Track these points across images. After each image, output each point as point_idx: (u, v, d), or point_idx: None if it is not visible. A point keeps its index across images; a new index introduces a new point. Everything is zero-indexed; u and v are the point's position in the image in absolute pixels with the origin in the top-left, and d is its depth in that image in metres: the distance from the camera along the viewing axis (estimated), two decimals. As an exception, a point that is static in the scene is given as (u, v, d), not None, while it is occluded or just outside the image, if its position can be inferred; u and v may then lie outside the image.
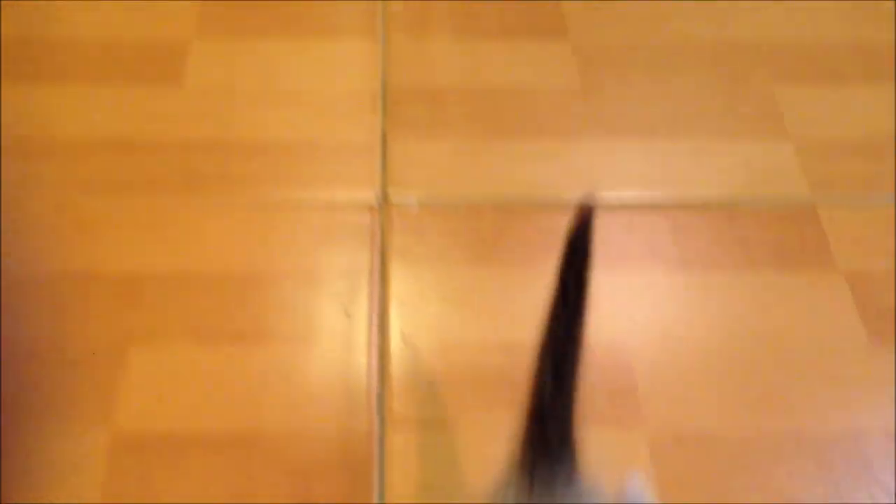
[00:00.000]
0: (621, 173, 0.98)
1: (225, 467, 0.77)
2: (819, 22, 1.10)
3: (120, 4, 1.09)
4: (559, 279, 0.50)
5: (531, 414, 0.50)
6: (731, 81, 1.05)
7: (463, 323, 0.87)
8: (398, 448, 0.80)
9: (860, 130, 1.01)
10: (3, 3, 1.07)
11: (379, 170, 0.97)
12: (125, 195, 0.93)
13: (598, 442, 0.80)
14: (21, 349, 0.84)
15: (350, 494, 0.76)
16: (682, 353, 0.86)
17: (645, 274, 0.91)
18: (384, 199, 0.95)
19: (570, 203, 0.94)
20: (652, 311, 0.88)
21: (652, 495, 0.74)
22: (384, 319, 0.87)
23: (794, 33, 1.09)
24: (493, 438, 0.64)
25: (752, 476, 0.78)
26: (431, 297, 0.89)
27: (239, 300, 0.88)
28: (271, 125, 1.00)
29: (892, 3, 1.12)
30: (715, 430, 0.81)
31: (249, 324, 0.86)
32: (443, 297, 0.88)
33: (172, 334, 0.85)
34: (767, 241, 0.93)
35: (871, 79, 1.05)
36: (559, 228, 0.92)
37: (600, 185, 0.97)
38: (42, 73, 1.02)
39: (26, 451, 0.78)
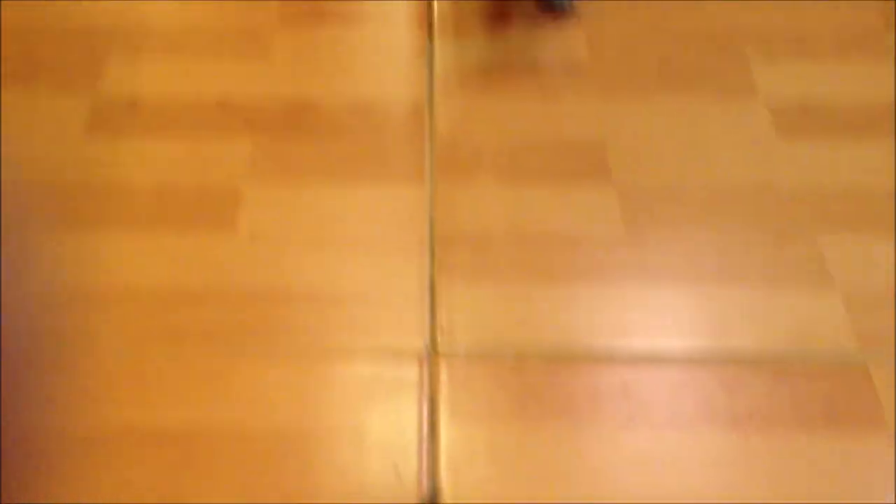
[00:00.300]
0: (669, 323, 0.99)
1: None
2: (865, 169, 1.11)
3: (175, 150, 1.12)
4: None
5: None
6: (776, 228, 1.06)
7: (513, 485, 0.86)
8: None
9: (909, 283, 1.01)
10: (63, 148, 1.10)
11: (427, 318, 0.98)
12: (178, 346, 0.94)
13: None
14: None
15: None
16: (736, 519, 0.85)
17: (696, 433, 0.90)
18: (432, 348, 0.96)
19: (616, 354, 0.95)
20: (704, 474, 0.87)
21: None
22: (435, 481, 0.86)
23: (839, 179, 1.10)
24: None
25: None
26: (481, 456, 0.88)
27: (289, 457, 0.87)
28: (321, 272, 1.01)
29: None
30: None
31: (299, 483, 0.86)
32: (493, 454, 0.88)
33: (222, 494, 0.85)
34: (818, 399, 0.92)
35: (916, 228, 1.05)
36: (606, 384, 0.93)
37: (648, 335, 0.97)
38: (98, 220, 1.04)
39: None
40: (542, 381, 0.94)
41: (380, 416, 0.91)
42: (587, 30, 1.29)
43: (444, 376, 0.94)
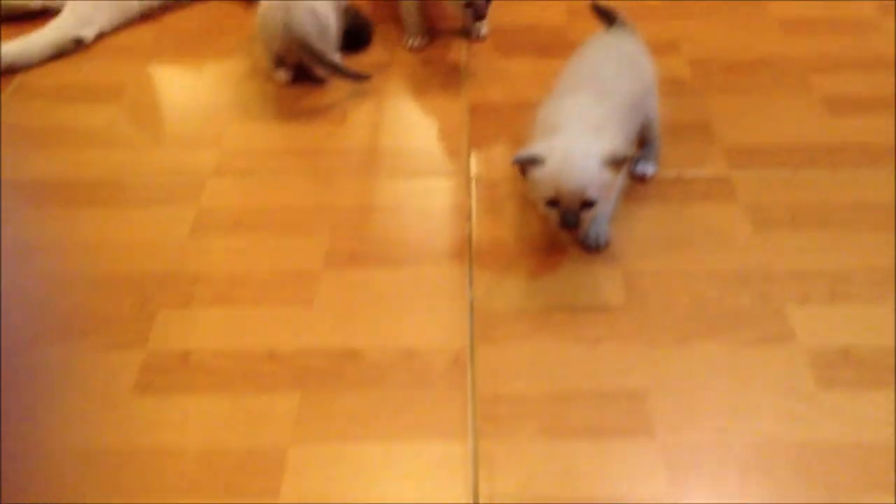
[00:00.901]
0: None
1: None
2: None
3: (223, 407, 1.14)
4: None
5: None
6: (821, 489, 1.04)
7: None
8: None
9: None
10: (109, 409, 1.12)
11: None
12: None
13: None
14: None
15: None
16: None
17: None
18: None
19: None
20: None
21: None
22: None
23: (882, 435, 1.09)
24: None
25: None
26: None
27: None
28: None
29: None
30: None
31: None
32: None
33: None
34: None
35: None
36: None
37: None
38: (139, 489, 1.05)
39: None
40: None
41: None
42: (624, 270, 1.32)
43: None
